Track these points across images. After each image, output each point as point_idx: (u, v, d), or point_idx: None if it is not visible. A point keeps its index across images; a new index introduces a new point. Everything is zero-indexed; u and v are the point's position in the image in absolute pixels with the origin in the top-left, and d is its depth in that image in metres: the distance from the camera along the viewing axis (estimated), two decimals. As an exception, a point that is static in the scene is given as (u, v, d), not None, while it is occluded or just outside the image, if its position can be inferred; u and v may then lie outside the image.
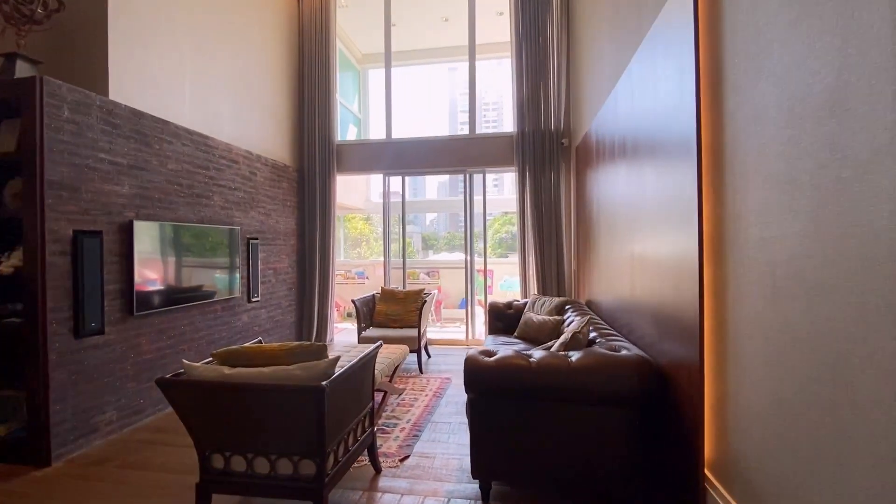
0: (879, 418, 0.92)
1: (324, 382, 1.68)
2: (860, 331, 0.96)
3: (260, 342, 2.48)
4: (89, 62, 3.07)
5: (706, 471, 1.71)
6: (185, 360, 1.87)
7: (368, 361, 2.16)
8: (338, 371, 1.82)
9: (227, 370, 1.80)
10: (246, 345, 1.90)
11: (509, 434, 2.04)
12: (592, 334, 2.49)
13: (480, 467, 2.07)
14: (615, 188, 2.91)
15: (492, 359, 2.04)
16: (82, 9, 3.05)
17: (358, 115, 7.78)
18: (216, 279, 3.91)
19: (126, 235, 3.02)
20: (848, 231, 0.99)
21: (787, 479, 1.24)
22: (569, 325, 3.20)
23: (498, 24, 6.23)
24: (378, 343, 2.34)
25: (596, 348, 2.13)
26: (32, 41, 2.89)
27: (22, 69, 2.76)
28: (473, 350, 2.14)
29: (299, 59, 5.59)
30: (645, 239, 2.31)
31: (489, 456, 2.06)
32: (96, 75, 3.05)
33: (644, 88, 2.27)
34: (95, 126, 2.85)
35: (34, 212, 2.50)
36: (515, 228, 5.28)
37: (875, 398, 0.93)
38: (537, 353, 2.06)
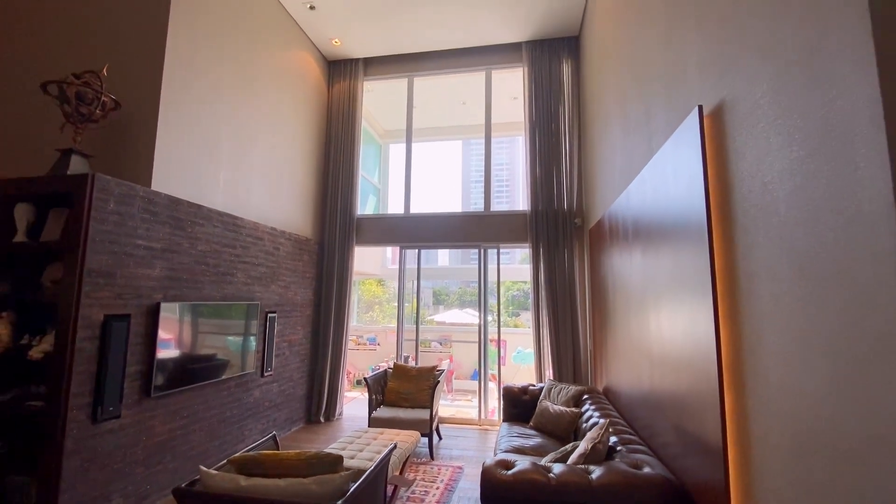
0: None
1: (339, 502, 1.66)
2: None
3: (275, 437, 2.47)
4: (136, 154, 3.31)
5: None
6: (202, 467, 1.86)
7: (381, 470, 2.12)
8: (352, 487, 1.80)
9: (243, 481, 1.79)
10: (263, 451, 1.89)
11: (527, 555, 1.94)
12: (613, 439, 2.43)
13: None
14: (630, 285, 2.95)
15: (509, 472, 1.99)
16: (135, 105, 3.34)
17: (378, 185, 8.11)
18: (232, 355, 3.95)
19: (152, 317, 3.11)
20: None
21: None
22: (587, 419, 3.12)
23: (512, 107, 6.64)
24: (392, 446, 2.31)
25: (617, 462, 2.07)
26: (85, 134, 3.15)
27: (75, 162, 3.01)
28: (490, 460, 2.09)
29: (326, 139, 5.96)
30: (661, 338, 2.31)
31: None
32: (141, 166, 3.29)
33: (656, 195, 2.37)
34: (136, 215, 3.03)
35: (71, 300, 2.62)
36: (527, 288, 5.28)
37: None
38: (557, 468, 2.01)
